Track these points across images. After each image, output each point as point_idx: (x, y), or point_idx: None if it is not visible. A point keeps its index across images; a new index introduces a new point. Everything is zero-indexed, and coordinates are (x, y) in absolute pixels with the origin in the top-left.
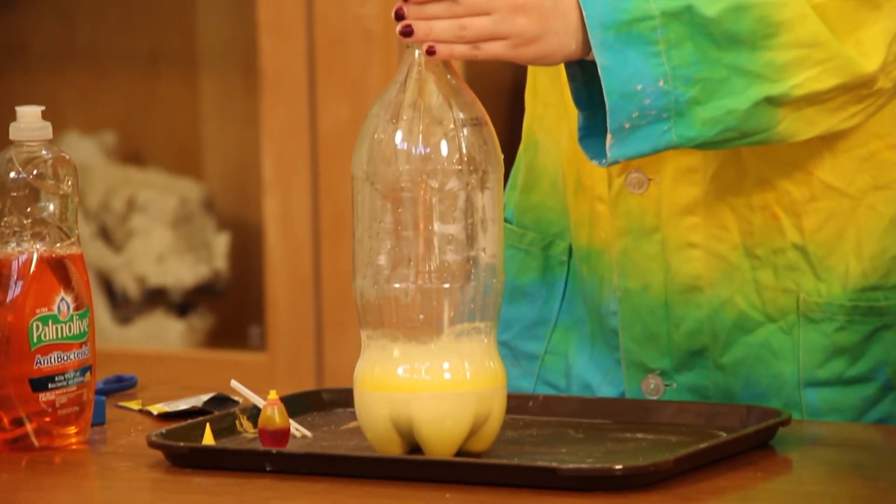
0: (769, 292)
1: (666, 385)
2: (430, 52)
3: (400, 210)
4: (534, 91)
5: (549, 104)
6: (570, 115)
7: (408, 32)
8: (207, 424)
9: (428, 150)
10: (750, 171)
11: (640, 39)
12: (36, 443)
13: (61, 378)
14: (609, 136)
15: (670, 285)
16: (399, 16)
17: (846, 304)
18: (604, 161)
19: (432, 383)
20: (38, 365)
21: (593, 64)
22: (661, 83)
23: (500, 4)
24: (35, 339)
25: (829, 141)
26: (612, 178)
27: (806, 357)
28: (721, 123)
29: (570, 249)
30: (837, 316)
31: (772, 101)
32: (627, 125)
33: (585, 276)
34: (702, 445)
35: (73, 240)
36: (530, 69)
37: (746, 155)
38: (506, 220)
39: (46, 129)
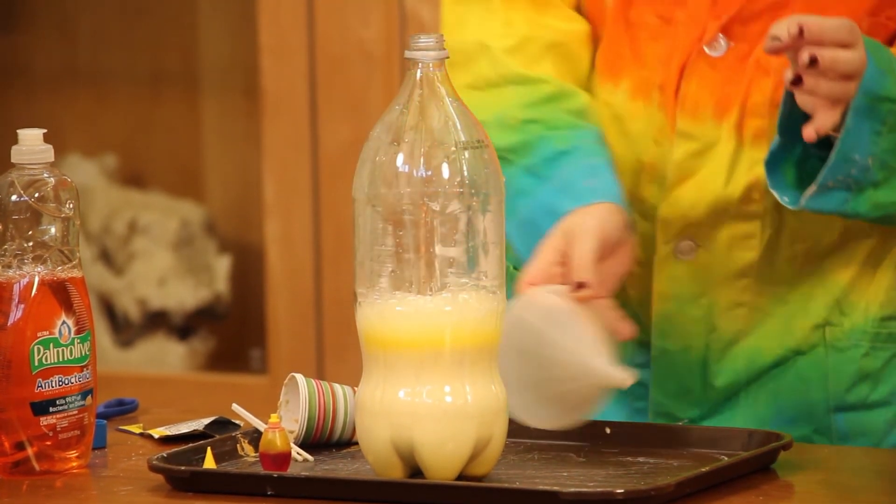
0: (800, 332)
1: None
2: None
3: (401, 233)
4: None
5: None
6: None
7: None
8: (208, 448)
9: (429, 172)
10: (794, 229)
11: (877, 116)
12: (37, 467)
13: (62, 402)
14: (813, 187)
15: (712, 344)
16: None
17: (869, 330)
18: (786, 200)
19: (433, 406)
20: (40, 388)
21: None
22: (870, 160)
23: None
24: (36, 363)
25: None
26: (660, 244)
27: (834, 383)
28: (884, 210)
29: None
30: (862, 342)
31: None
32: (831, 184)
33: None
34: (703, 469)
35: (74, 263)
36: None
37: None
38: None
39: (48, 153)
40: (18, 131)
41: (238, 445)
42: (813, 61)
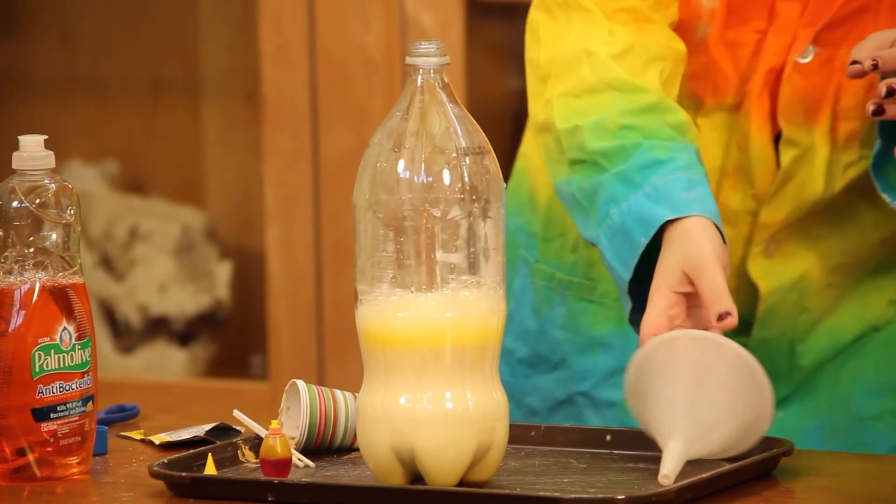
0: (875, 308)
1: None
2: None
3: (402, 239)
4: None
5: None
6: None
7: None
8: (209, 454)
9: (430, 178)
10: (867, 215)
11: None
12: (38, 473)
13: (63, 408)
14: None
15: (801, 325)
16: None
17: None
18: None
19: (434, 412)
20: (41, 395)
21: None
22: None
23: None
24: (37, 369)
25: None
26: (753, 246)
27: None
28: None
29: None
30: None
31: None
32: None
33: None
34: (704, 475)
35: (75, 269)
36: None
37: (864, 204)
38: (572, 276)
39: (49, 159)
40: (19, 137)
41: (239, 452)
42: (891, 93)
